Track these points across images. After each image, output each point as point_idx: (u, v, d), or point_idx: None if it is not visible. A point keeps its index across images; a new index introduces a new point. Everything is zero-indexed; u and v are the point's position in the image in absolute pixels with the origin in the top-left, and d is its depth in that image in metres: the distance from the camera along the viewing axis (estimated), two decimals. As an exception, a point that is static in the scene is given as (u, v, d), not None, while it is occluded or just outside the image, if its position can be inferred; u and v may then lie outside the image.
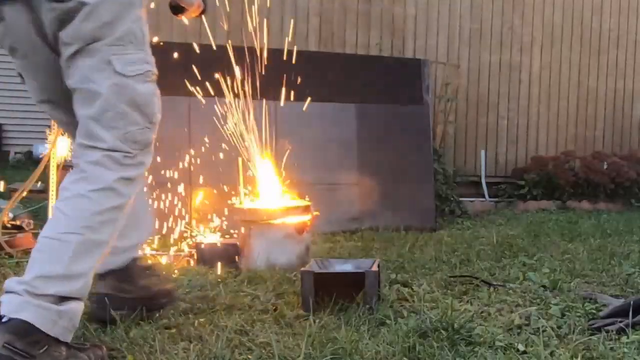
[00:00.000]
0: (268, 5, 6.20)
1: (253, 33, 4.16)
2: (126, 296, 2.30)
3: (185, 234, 4.46)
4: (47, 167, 3.87)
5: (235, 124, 3.86)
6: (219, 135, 4.28)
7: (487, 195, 6.93)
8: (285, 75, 4.45)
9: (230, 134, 3.90)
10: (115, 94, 1.92)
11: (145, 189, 2.38)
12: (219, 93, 4.20)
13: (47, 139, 4.22)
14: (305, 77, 5.18)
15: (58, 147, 3.89)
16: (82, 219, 1.84)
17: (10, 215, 4.00)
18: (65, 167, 5.32)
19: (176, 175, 4.71)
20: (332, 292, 2.53)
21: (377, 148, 5.33)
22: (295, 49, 6.20)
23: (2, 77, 11.14)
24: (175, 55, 4.99)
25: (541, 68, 7.31)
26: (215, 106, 4.37)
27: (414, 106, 5.53)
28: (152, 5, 5.52)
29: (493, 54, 7.11)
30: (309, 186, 4.68)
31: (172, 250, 3.87)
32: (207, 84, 4.22)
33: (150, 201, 4.58)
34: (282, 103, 4.40)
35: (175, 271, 3.28)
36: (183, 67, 4.83)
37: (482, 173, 7.06)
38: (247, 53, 4.16)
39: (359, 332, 2.24)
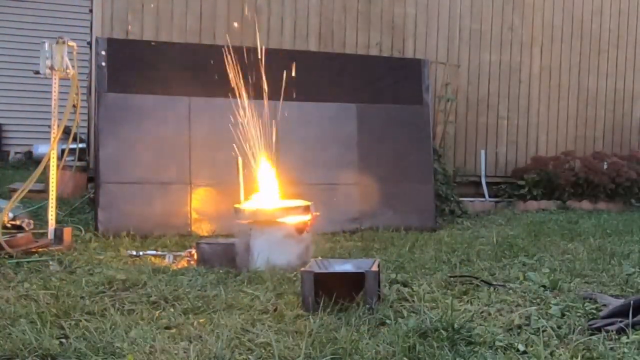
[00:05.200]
0: (265, 5, 6.21)
1: (252, 33, 4.16)
2: None
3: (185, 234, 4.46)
4: (47, 167, 3.87)
5: (236, 124, 3.85)
6: (219, 135, 4.28)
7: (487, 195, 6.92)
8: (285, 75, 4.46)
9: (230, 134, 3.89)
10: None
11: None
12: (219, 93, 4.20)
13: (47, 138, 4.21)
14: (305, 77, 5.18)
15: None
16: None
17: (10, 215, 4.00)
18: (65, 167, 5.33)
19: (176, 175, 4.71)
20: (332, 292, 2.53)
21: (376, 148, 5.33)
22: (295, 48, 6.21)
23: (2, 77, 11.15)
24: (175, 55, 5.00)
25: (541, 68, 7.30)
26: (215, 106, 4.36)
27: (414, 106, 5.53)
28: (152, 5, 5.53)
29: (493, 54, 7.10)
30: (309, 186, 4.68)
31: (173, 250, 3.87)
32: (208, 84, 4.22)
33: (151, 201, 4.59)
34: (282, 103, 4.40)
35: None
36: (183, 67, 4.83)
37: (482, 173, 7.05)
38: (247, 53, 4.16)
39: (359, 332, 2.24)
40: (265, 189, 3.79)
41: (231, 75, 4.04)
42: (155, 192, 4.65)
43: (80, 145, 5.50)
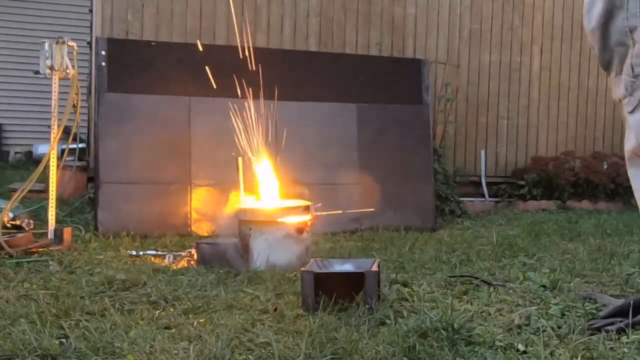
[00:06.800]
0: (265, 5, 6.21)
1: (252, 33, 4.16)
2: None
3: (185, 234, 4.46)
4: (47, 167, 3.87)
5: (235, 124, 3.85)
6: (219, 135, 4.28)
7: (487, 195, 6.93)
8: (285, 75, 4.46)
9: (230, 134, 3.89)
10: None
11: None
12: (219, 93, 4.20)
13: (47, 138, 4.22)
14: (305, 77, 5.19)
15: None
16: None
17: (10, 215, 4.00)
18: (65, 167, 5.32)
19: (176, 175, 4.71)
20: (332, 292, 2.53)
21: (377, 148, 5.33)
22: (295, 49, 6.21)
23: (2, 77, 11.16)
24: (175, 55, 5.00)
25: (541, 68, 7.31)
26: (216, 106, 4.36)
27: (414, 106, 5.54)
28: (152, 5, 5.51)
29: (493, 54, 7.10)
30: (309, 186, 4.68)
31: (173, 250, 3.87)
32: (208, 84, 4.22)
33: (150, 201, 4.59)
34: (282, 103, 4.40)
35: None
36: (183, 67, 4.83)
37: (482, 173, 7.05)
38: (247, 53, 4.16)
39: (359, 332, 2.24)
40: (265, 188, 3.79)
41: (231, 75, 4.05)
42: (155, 192, 4.65)
43: (80, 145, 5.51)
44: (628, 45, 2.20)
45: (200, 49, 4.41)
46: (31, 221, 4.12)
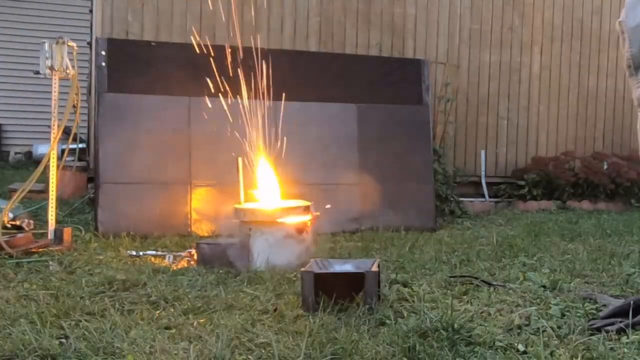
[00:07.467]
0: (265, 5, 6.22)
1: (253, 33, 4.17)
2: None
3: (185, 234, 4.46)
4: (47, 167, 3.87)
5: (236, 124, 3.85)
6: (219, 135, 4.29)
7: (487, 196, 6.92)
8: (285, 75, 4.45)
9: (230, 134, 3.90)
10: None
11: None
12: (219, 93, 4.20)
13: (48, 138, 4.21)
14: (305, 77, 5.19)
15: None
16: None
17: (10, 215, 4.00)
18: (65, 167, 5.33)
19: (176, 175, 4.71)
20: (332, 292, 2.53)
21: (377, 148, 5.33)
22: (295, 49, 6.21)
23: (2, 77, 11.16)
24: (175, 55, 5.00)
25: (541, 68, 7.31)
26: (216, 106, 4.36)
27: (414, 106, 5.54)
28: (152, 5, 5.50)
29: (493, 54, 7.10)
30: (309, 186, 4.69)
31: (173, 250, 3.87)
32: (208, 84, 4.22)
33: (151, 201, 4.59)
34: (282, 103, 4.40)
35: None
36: (183, 67, 4.83)
37: (482, 173, 7.05)
38: (247, 53, 4.16)
39: (359, 332, 2.24)
40: (265, 189, 3.79)
41: (231, 76, 4.05)
42: (155, 192, 4.65)
43: (80, 145, 5.51)
44: None
45: (199, 49, 4.41)
46: (31, 221, 4.12)
